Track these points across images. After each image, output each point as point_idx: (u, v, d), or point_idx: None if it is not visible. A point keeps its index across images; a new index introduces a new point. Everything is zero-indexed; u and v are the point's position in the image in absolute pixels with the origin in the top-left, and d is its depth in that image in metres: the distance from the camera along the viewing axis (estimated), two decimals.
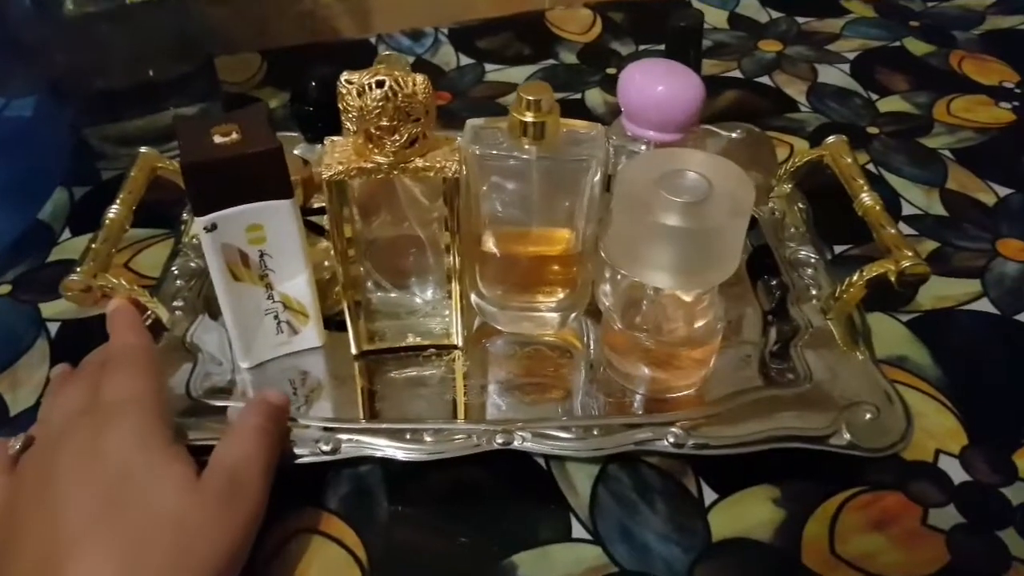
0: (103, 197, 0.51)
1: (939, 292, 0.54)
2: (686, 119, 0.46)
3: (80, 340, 0.53)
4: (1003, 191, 0.63)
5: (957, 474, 0.44)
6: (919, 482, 0.44)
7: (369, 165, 0.41)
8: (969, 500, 0.43)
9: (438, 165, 0.41)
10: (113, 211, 0.49)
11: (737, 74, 0.77)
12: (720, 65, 0.78)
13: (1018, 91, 0.74)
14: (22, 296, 0.56)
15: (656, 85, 0.46)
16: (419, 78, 0.39)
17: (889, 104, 0.73)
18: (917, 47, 0.81)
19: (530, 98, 0.41)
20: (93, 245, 0.47)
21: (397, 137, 0.39)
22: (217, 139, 0.40)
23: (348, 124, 0.40)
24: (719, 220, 0.39)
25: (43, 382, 0.50)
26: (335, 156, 0.41)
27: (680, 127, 0.46)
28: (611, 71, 0.78)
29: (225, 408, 0.45)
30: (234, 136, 0.40)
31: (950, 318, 0.53)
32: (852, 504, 0.43)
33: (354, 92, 0.38)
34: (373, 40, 0.83)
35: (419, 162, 0.41)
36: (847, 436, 0.43)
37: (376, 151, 0.40)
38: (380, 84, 0.38)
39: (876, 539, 0.41)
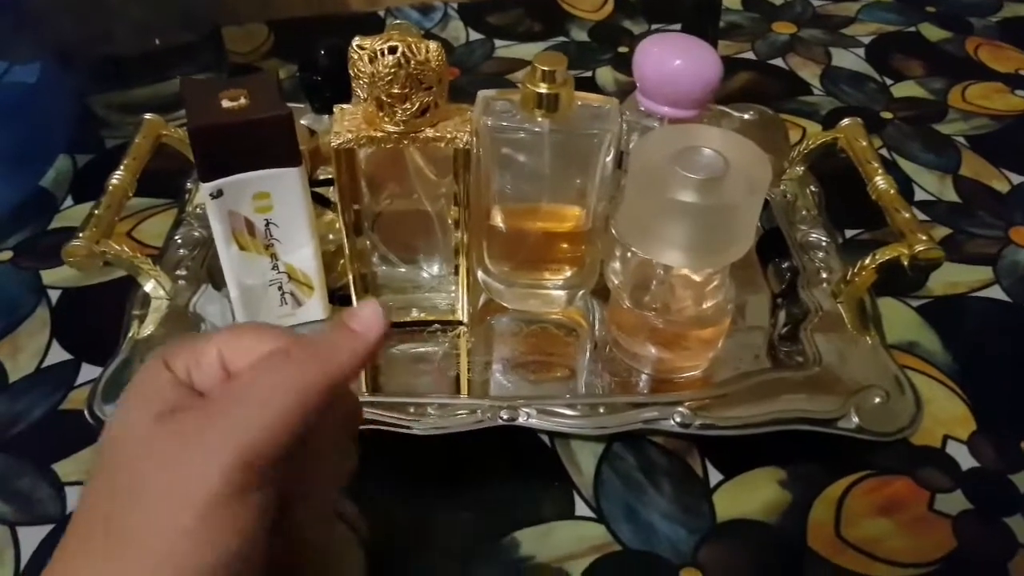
0: (107, 165, 0.50)
1: (950, 278, 0.54)
2: (703, 95, 0.45)
3: (80, 307, 0.52)
4: (1017, 179, 0.62)
5: (965, 460, 0.44)
6: (927, 467, 0.43)
7: (379, 134, 0.40)
8: (977, 486, 0.42)
9: (449, 135, 0.40)
10: (117, 177, 0.49)
11: (751, 56, 0.76)
12: (733, 46, 0.77)
13: None
14: (23, 263, 0.55)
15: (674, 59, 0.45)
16: (432, 45, 0.38)
17: (904, 89, 0.72)
18: (933, 33, 0.80)
19: (545, 68, 0.40)
20: (96, 211, 0.47)
21: (408, 105, 0.39)
22: (225, 103, 0.39)
23: (359, 91, 0.39)
24: (736, 197, 0.39)
25: (43, 349, 0.49)
26: (344, 124, 0.40)
27: (696, 103, 0.45)
28: (623, 50, 0.77)
29: None
30: (243, 101, 0.40)
31: (961, 304, 0.53)
32: (859, 488, 0.42)
33: (366, 58, 0.38)
34: (382, 13, 0.82)
35: (430, 132, 0.40)
36: (855, 420, 0.42)
37: (387, 119, 0.39)
38: (392, 50, 0.37)
39: (883, 523, 0.41)
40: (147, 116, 0.54)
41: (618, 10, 0.83)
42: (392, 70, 0.37)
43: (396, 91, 0.38)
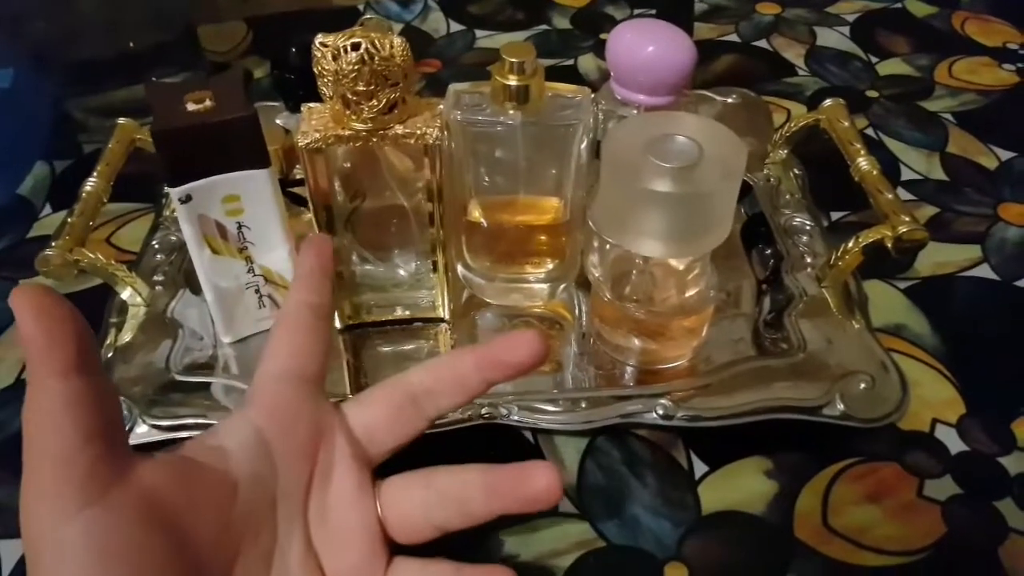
0: (85, 171, 0.49)
1: (938, 258, 0.53)
2: (677, 81, 0.44)
3: None
4: (1005, 155, 0.61)
5: (954, 444, 0.43)
6: (915, 452, 0.43)
7: (347, 132, 0.39)
8: (966, 470, 0.42)
9: (418, 131, 0.39)
10: (90, 184, 0.48)
11: (734, 38, 0.75)
12: (717, 29, 0.76)
13: (1022, 52, 0.72)
14: (2, 272, 0.55)
15: (646, 46, 0.44)
16: (396, 40, 0.37)
17: (889, 67, 0.71)
18: (919, 8, 0.79)
19: (513, 60, 0.40)
20: (69, 219, 0.46)
21: (375, 102, 0.38)
22: (190, 106, 0.39)
23: (324, 89, 0.38)
24: (710, 184, 0.38)
25: (22, 360, 0.49)
26: (312, 123, 0.40)
27: (671, 89, 0.45)
28: (604, 36, 0.76)
29: (207, 384, 0.44)
30: (207, 103, 0.39)
31: (949, 285, 0.52)
32: (846, 476, 0.42)
33: (329, 55, 0.37)
34: (361, 7, 0.81)
35: (399, 129, 0.39)
36: (841, 406, 0.42)
37: (354, 117, 0.39)
38: (356, 47, 0.37)
39: (871, 511, 0.40)
40: (120, 121, 0.53)
41: None
42: (356, 67, 0.37)
43: (361, 88, 0.37)
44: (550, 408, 0.43)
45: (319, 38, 0.37)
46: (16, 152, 0.62)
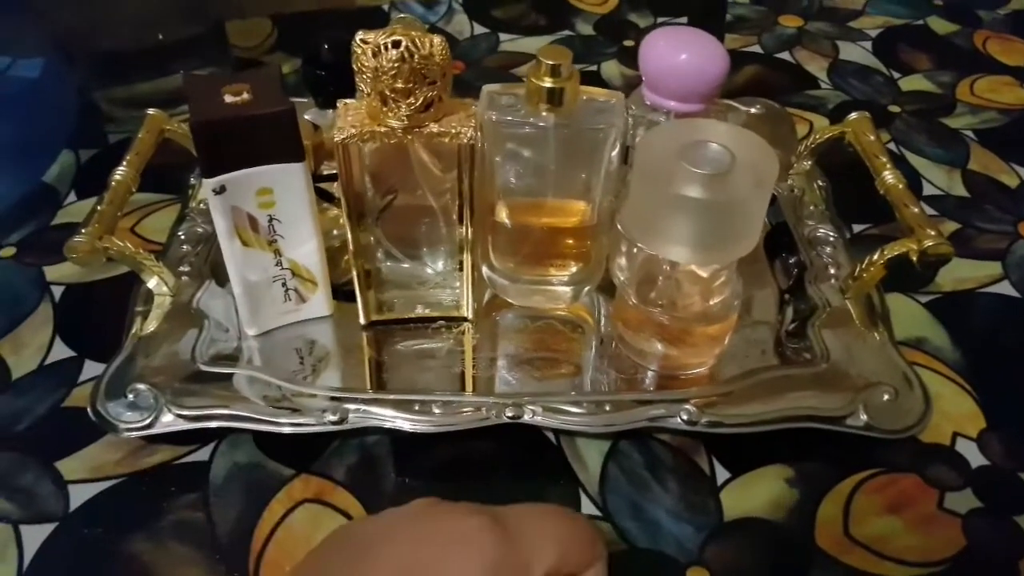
0: (110, 160, 0.50)
1: (959, 274, 0.53)
2: (709, 89, 0.45)
3: (84, 304, 0.52)
4: None
5: (975, 458, 0.43)
6: (936, 465, 0.43)
7: (383, 129, 0.39)
8: (986, 484, 0.42)
9: (453, 131, 0.40)
10: (120, 172, 0.48)
11: (757, 49, 0.75)
12: (740, 40, 0.77)
13: None
14: (26, 259, 0.55)
15: (680, 53, 0.44)
16: (436, 39, 0.37)
17: (911, 83, 0.71)
18: (941, 26, 0.79)
19: (549, 62, 0.40)
20: (99, 207, 0.46)
21: (412, 100, 0.38)
22: (228, 98, 0.39)
23: (362, 86, 0.39)
24: (742, 193, 0.38)
25: (46, 345, 0.49)
26: (348, 119, 0.40)
27: (703, 97, 0.45)
28: (628, 43, 0.76)
29: (230, 376, 0.45)
30: (245, 96, 0.39)
31: (970, 300, 0.52)
32: (867, 486, 0.42)
33: (369, 52, 0.37)
34: (386, 8, 0.82)
35: (434, 127, 0.40)
36: (864, 417, 0.42)
37: (390, 115, 0.39)
38: (396, 44, 0.37)
39: (891, 522, 0.40)
40: (150, 111, 0.54)
41: (624, 3, 0.83)
42: (396, 65, 0.37)
43: (400, 86, 0.38)
44: (574, 410, 0.43)
45: (360, 35, 0.38)
46: (43, 140, 0.62)
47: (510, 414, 0.42)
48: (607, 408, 0.43)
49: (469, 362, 0.47)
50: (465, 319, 0.49)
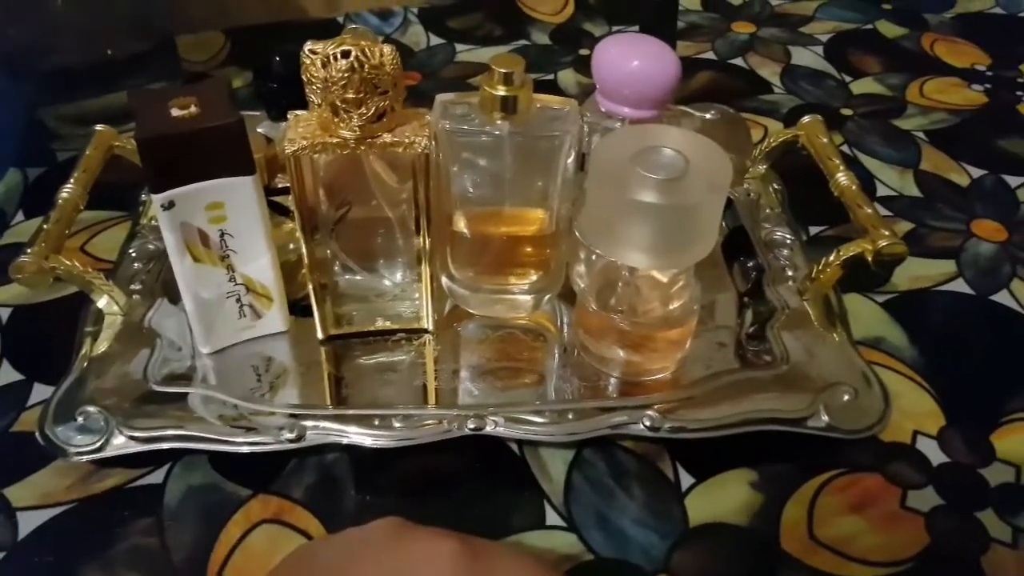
0: (58, 178, 0.48)
1: (915, 272, 0.54)
2: (662, 95, 0.45)
3: (33, 326, 0.51)
4: (976, 172, 0.63)
5: (935, 455, 0.44)
6: (897, 464, 0.43)
7: (334, 140, 0.39)
8: (948, 481, 0.42)
9: (407, 140, 0.39)
10: (67, 190, 0.47)
11: (711, 56, 0.76)
12: (693, 47, 0.77)
13: (989, 73, 0.74)
14: None
15: (631, 60, 0.44)
16: (387, 49, 0.37)
17: (862, 86, 0.72)
18: (890, 30, 0.80)
19: (502, 71, 0.40)
20: (45, 226, 0.45)
21: (364, 110, 0.38)
22: (175, 112, 0.38)
23: (312, 96, 0.38)
24: (696, 197, 0.38)
25: None
26: (299, 131, 0.39)
27: (656, 103, 0.45)
28: (584, 52, 0.76)
29: (184, 395, 0.43)
30: (193, 109, 0.38)
31: (926, 298, 0.53)
32: (830, 487, 0.42)
33: (319, 62, 0.37)
34: (340, 19, 0.81)
35: (387, 137, 0.39)
36: (825, 418, 0.42)
37: (342, 125, 0.38)
38: (346, 54, 0.36)
39: (855, 522, 0.41)
40: (98, 127, 0.52)
41: (579, 12, 0.83)
42: (346, 74, 0.36)
43: (351, 96, 0.37)
44: (536, 420, 0.42)
45: (308, 45, 0.37)
46: None
47: (472, 426, 0.42)
48: (570, 416, 0.43)
49: (431, 374, 0.47)
50: (426, 331, 0.48)
